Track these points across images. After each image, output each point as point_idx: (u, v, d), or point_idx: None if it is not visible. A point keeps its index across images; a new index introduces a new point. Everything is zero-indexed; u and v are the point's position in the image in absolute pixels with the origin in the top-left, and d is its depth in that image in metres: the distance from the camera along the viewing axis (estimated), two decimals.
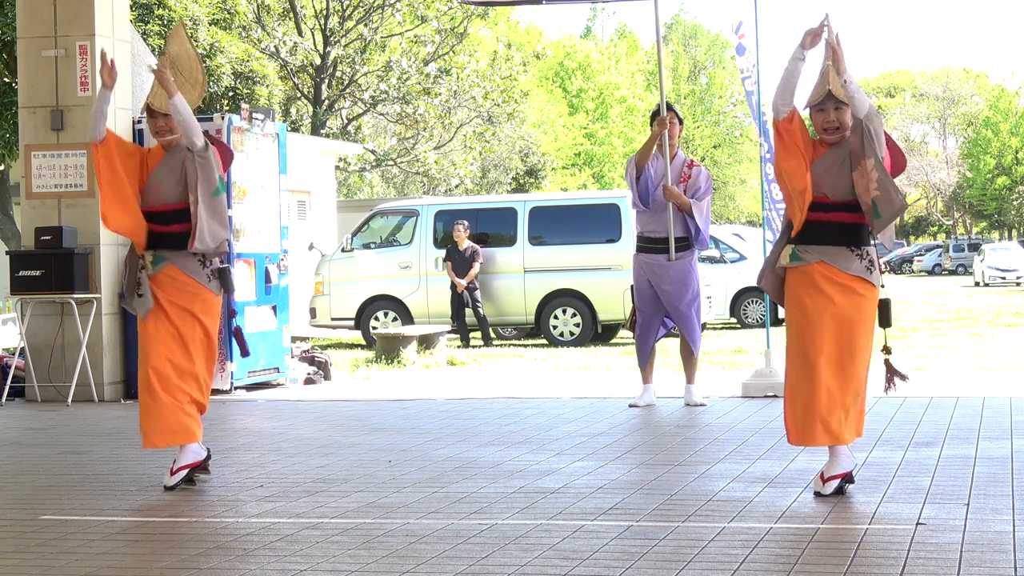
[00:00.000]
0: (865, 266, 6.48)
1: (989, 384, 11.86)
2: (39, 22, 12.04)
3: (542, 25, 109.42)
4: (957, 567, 4.97)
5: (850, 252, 6.48)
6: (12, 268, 12.02)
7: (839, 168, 6.47)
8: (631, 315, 10.83)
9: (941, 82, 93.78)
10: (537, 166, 51.08)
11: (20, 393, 12.19)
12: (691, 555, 5.28)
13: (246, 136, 12.57)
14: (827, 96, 6.45)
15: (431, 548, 5.54)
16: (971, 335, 19.46)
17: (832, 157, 6.49)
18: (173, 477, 7.05)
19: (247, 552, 5.56)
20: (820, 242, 6.50)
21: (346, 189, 45.10)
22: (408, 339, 15.90)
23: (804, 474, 7.03)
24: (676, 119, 10.59)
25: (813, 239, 6.51)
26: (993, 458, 7.44)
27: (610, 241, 19.86)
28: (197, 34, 21.96)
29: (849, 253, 6.47)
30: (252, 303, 12.63)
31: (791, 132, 6.49)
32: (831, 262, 6.46)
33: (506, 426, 9.48)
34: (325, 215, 25.45)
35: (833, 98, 6.44)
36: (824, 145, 6.55)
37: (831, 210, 6.48)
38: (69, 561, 5.50)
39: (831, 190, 6.47)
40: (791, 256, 6.56)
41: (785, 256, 6.59)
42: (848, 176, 6.44)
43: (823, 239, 6.49)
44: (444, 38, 35.93)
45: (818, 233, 6.50)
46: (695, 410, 10.18)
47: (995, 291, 41.11)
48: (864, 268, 6.47)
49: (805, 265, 6.50)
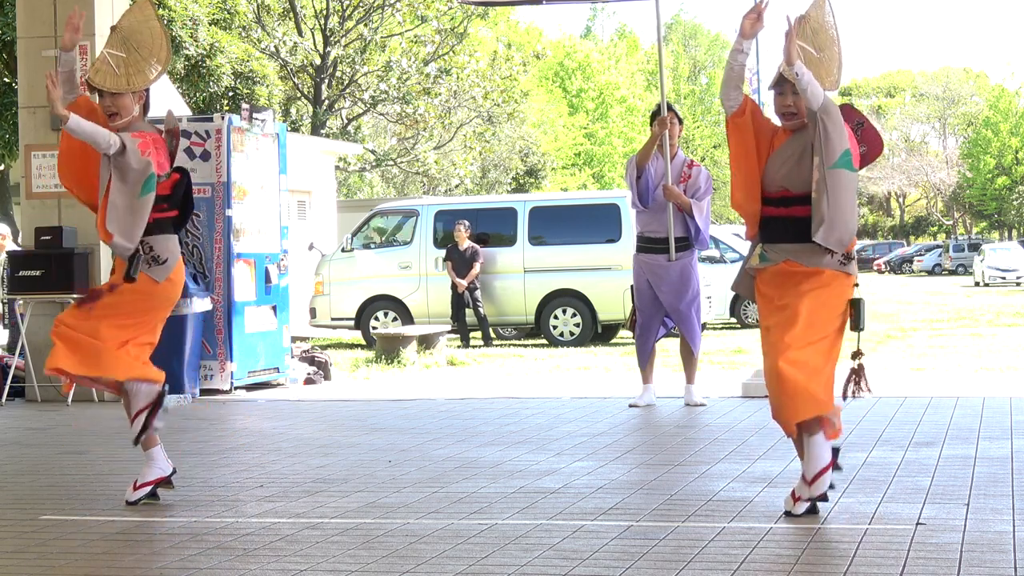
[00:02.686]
0: (839, 260, 5.99)
1: (989, 384, 11.85)
2: (39, 22, 12.03)
3: (542, 25, 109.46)
4: (957, 567, 4.97)
5: (818, 247, 5.97)
6: (12, 268, 12.03)
7: (799, 159, 6.01)
8: (631, 315, 10.83)
9: (941, 82, 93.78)
10: (537, 166, 51.11)
11: (20, 393, 12.19)
12: (691, 555, 5.28)
13: (246, 136, 12.57)
14: (782, 79, 6.02)
15: (431, 548, 5.54)
16: (971, 335, 19.46)
17: (792, 147, 6.06)
18: (136, 492, 6.69)
19: (247, 552, 5.56)
20: (785, 240, 6.06)
21: (346, 189, 45.10)
22: (408, 339, 15.90)
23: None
24: (676, 119, 10.58)
25: (778, 237, 6.09)
26: (993, 458, 7.44)
27: (610, 241, 19.86)
28: (197, 34, 21.97)
29: (817, 248, 5.97)
30: (252, 303, 12.63)
31: (740, 127, 6.09)
32: (799, 260, 6.02)
33: (506, 426, 9.48)
34: (325, 215, 25.44)
35: (790, 82, 5.97)
36: (785, 134, 6.11)
37: (793, 204, 6.03)
38: (69, 561, 5.50)
39: (792, 182, 6.04)
40: (760, 257, 6.15)
41: (755, 257, 6.18)
42: (809, 168, 5.97)
43: (788, 236, 6.05)
44: (444, 38, 35.94)
45: (782, 230, 6.07)
46: (695, 410, 10.18)
47: (995, 291, 41.11)
48: (838, 262, 5.99)
49: (773, 265, 6.10)
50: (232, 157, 12.27)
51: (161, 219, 6.77)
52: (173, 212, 6.86)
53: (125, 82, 6.69)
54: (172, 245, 6.81)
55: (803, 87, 5.82)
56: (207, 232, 12.22)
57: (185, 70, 21.99)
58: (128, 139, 6.58)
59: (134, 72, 6.70)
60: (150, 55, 6.75)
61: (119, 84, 6.69)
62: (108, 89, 6.67)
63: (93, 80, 6.69)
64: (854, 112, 6.19)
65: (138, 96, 6.74)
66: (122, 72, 6.69)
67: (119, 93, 6.67)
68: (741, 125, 6.10)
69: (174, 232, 6.87)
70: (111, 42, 6.76)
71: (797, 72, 5.80)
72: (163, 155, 6.74)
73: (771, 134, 6.15)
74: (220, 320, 12.21)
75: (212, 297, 12.10)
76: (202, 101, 22.38)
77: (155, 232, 6.73)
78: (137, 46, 6.74)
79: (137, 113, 6.75)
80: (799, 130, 6.08)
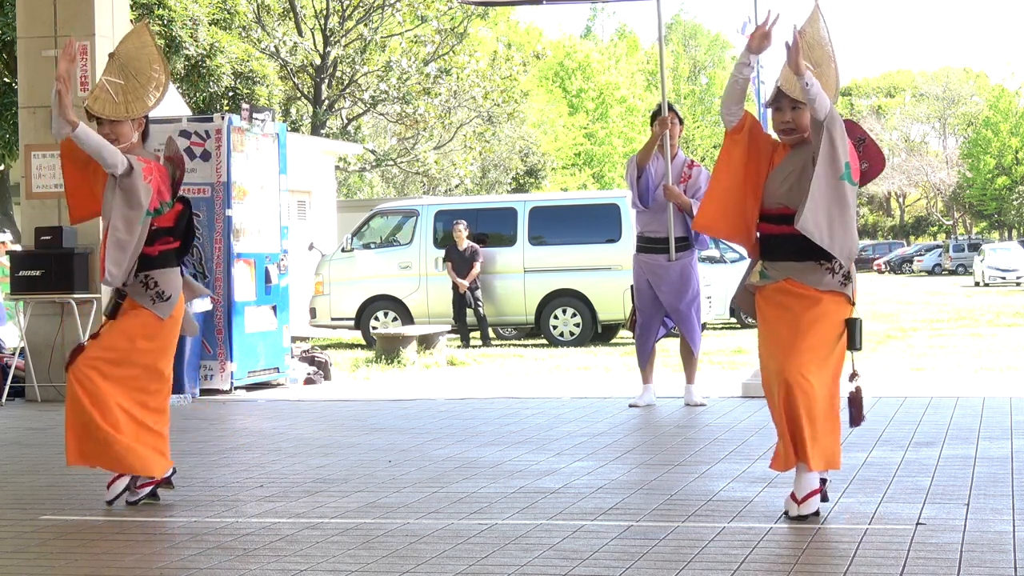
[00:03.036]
0: (839, 280, 5.92)
1: (989, 384, 11.85)
2: (39, 22, 12.04)
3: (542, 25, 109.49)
4: (957, 567, 4.97)
5: (819, 267, 5.91)
6: (12, 268, 12.03)
7: (800, 175, 5.91)
8: (631, 315, 10.83)
9: (941, 82, 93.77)
10: (537, 166, 51.11)
11: (20, 393, 12.19)
12: (691, 555, 5.29)
13: (246, 136, 12.57)
14: (780, 94, 5.97)
15: (431, 548, 5.54)
16: (971, 335, 19.46)
17: (792, 163, 5.97)
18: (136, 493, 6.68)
19: (247, 552, 5.56)
20: (785, 258, 5.97)
21: (346, 189, 45.11)
22: (408, 339, 15.91)
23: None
24: (677, 119, 10.59)
25: (778, 255, 6.00)
26: (993, 458, 7.44)
27: (610, 241, 19.86)
28: (197, 34, 21.96)
29: (818, 267, 5.91)
30: (252, 303, 12.63)
31: (737, 144, 6.02)
32: (800, 279, 5.93)
33: (506, 426, 9.48)
34: (325, 215, 25.45)
35: (788, 97, 5.93)
36: (785, 149, 6.04)
37: (793, 222, 5.87)
38: (69, 561, 5.50)
39: (792, 200, 5.92)
40: (760, 275, 6.06)
41: (755, 274, 6.09)
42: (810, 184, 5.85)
43: (788, 255, 5.95)
44: (444, 38, 35.95)
45: (781, 248, 5.98)
46: (695, 410, 10.18)
47: (995, 291, 41.11)
48: (838, 283, 5.92)
49: (773, 283, 6.01)
50: (232, 157, 12.27)
51: (166, 251, 6.65)
52: (176, 243, 6.74)
53: (124, 110, 6.58)
54: (176, 279, 6.67)
55: (811, 97, 5.73)
56: (207, 232, 12.22)
57: (185, 70, 21.99)
58: (135, 160, 6.47)
59: (133, 99, 6.60)
60: (148, 81, 6.65)
61: (118, 112, 6.58)
62: (107, 117, 6.55)
63: (92, 108, 6.56)
64: (857, 128, 6.12)
65: (137, 123, 6.63)
66: (121, 100, 6.59)
67: (118, 121, 6.56)
68: (738, 141, 6.02)
69: (177, 264, 6.73)
70: (109, 69, 6.65)
71: (807, 82, 5.72)
72: (166, 184, 6.62)
73: (771, 150, 6.07)
74: (220, 320, 12.21)
75: (212, 297, 12.10)
76: (202, 101, 22.38)
77: (160, 265, 6.61)
78: (135, 73, 6.64)
79: (136, 140, 6.63)
80: (799, 145, 6.00)
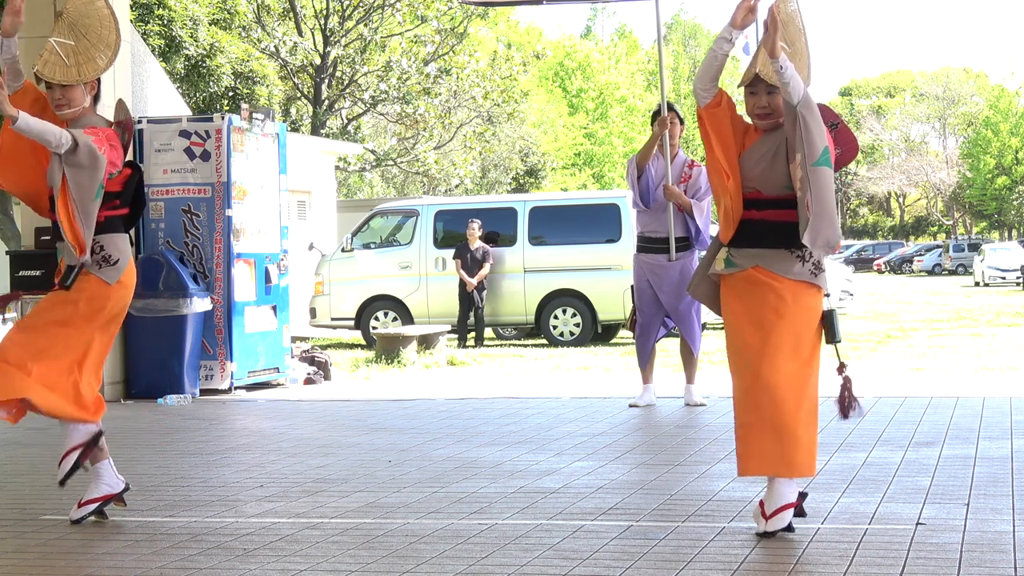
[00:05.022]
0: (810, 269, 5.64)
1: (989, 384, 11.85)
2: (39, 22, 12.01)
3: (542, 25, 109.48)
4: (957, 567, 4.97)
5: (789, 254, 5.63)
6: (12, 268, 12.02)
7: (772, 159, 5.68)
8: (631, 315, 10.83)
9: (941, 82, 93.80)
10: (537, 166, 51.13)
11: None
12: (691, 555, 5.28)
13: (246, 136, 12.57)
14: (756, 78, 5.73)
15: (431, 548, 5.53)
16: (971, 335, 19.46)
17: (765, 146, 5.72)
18: (80, 510, 6.31)
19: (247, 552, 5.56)
20: (754, 244, 5.69)
21: (346, 189, 45.11)
22: (408, 339, 15.91)
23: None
24: (677, 119, 10.59)
25: (746, 241, 5.70)
26: (993, 458, 7.44)
27: (610, 241, 19.86)
28: (197, 34, 21.97)
29: (788, 255, 5.64)
30: (252, 303, 12.63)
31: (716, 117, 5.73)
32: (768, 267, 5.65)
33: (506, 426, 9.48)
34: (325, 215, 25.45)
35: (764, 82, 5.68)
36: (757, 132, 5.79)
37: (764, 207, 5.69)
38: (69, 561, 5.50)
39: (763, 184, 5.69)
40: (725, 262, 5.76)
41: (720, 261, 5.78)
42: (783, 168, 5.64)
43: (757, 241, 5.68)
44: (444, 38, 35.94)
45: (751, 234, 5.70)
46: (695, 410, 10.18)
47: (995, 291, 41.11)
48: (808, 272, 5.64)
49: (740, 271, 5.72)
50: (232, 157, 12.27)
51: (112, 217, 6.26)
52: (124, 210, 6.35)
53: (76, 73, 6.22)
54: (123, 244, 6.29)
55: (785, 80, 5.50)
56: (207, 232, 12.22)
57: (185, 70, 22.00)
58: (80, 135, 6.07)
59: (84, 61, 6.23)
60: (99, 41, 6.26)
61: (69, 75, 6.23)
62: (58, 82, 6.21)
63: (41, 72, 6.21)
64: (830, 112, 5.90)
65: (89, 86, 6.27)
66: (72, 62, 6.23)
67: (70, 85, 6.21)
68: (718, 114, 5.74)
69: (124, 231, 6.37)
70: (58, 29, 6.29)
71: (781, 65, 5.51)
72: (117, 151, 6.27)
73: (743, 132, 5.81)
74: (220, 320, 12.21)
75: (212, 297, 12.10)
76: (202, 101, 22.39)
77: (105, 230, 6.23)
78: (85, 32, 6.26)
79: (88, 104, 6.28)
80: (772, 130, 5.77)
